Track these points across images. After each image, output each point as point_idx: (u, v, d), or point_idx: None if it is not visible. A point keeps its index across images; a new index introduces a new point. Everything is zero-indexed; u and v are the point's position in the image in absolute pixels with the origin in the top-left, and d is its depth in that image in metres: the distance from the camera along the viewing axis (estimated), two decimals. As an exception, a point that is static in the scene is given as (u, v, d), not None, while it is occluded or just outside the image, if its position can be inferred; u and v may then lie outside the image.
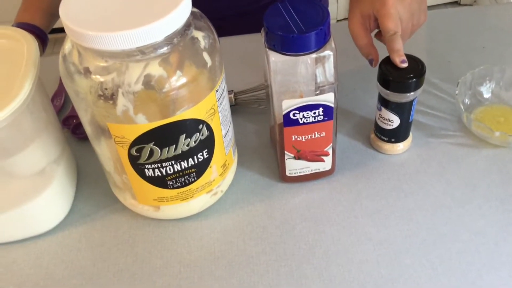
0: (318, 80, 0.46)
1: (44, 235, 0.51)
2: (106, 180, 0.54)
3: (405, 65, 0.49)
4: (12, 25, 0.72)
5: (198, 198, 0.49)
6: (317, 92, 0.46)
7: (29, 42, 0.47)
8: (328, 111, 0.47)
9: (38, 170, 0.49)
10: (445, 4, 2.15)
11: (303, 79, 0.46)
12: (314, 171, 0.52)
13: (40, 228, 0.51)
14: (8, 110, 0.40)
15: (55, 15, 0.71)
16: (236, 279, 0.46)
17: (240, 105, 0.63)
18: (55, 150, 0.50)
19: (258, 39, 0.77)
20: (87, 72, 0.39)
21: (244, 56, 0.70)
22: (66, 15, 0.39)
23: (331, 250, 0.48)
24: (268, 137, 0.60)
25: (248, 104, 0.63)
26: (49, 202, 0.50)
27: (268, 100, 0.54)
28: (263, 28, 0.46)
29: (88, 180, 0.57)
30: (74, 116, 0.63)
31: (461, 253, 0.47)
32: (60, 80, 0.70)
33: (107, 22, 0.38)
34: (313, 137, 0.49)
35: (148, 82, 0.39)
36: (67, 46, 0.42)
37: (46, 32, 0.70)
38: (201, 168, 0.47)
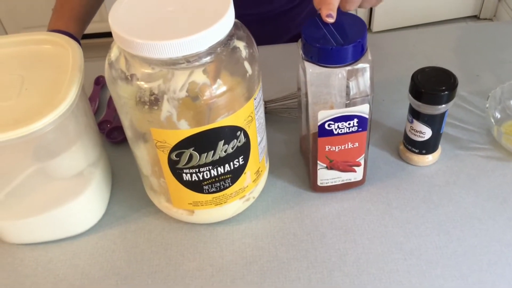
0: (352, 92, 0.47)
1: (80, 236, 0.53)
2: (139, 183, 0.56)
3: (331, 20, 0.45)
4: (48, 30, 0.75)
5: (232, 204, 0.51)
6: (347, 102, 0.47)
7: (73, 48, 0.48)
8: (362, 122, 0.48)
9: (77, 172, 0.50)
10: (464, 18, 2.16)
11: (336, 90, 0.47)
12: (345, 181, 0.53)
13: (76, 229, 0.52)
14: (57, 113, 0.42)
15: (87, 22, 0.73)
16: (268, 284, 0.47)
17: (270, 114, 0.64)
18: (94, 153, 0.51)
19: (284, 48, 0.79)
20: (133, 78, 0.41)
21: (272, 65, 0.72)
22: (116, 23, 0.40)
23: (362, 258, 0.48)
24: (297, 147, 0.61)
25: (278, 113, 0.64)
26: (87, 204, 0.51)
27: (300, 109, 0.55)
28: (300, 40, 0.47)
29: (122, 183, 0.58)
30: (108, 121, 0.65)
31: (491, 265, 0.47)
32: (94, 85, 0.71)
33: (155, 31, 0.39)
34: (346, 147, 0.49)
35: (192, 89, 0.40)
36: (113, 53, 0.43)
37: (79, 39, 0.73)
38: (236, 174, 0.48)
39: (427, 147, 0.55)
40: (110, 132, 0.63)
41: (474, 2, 2.11)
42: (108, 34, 0.44)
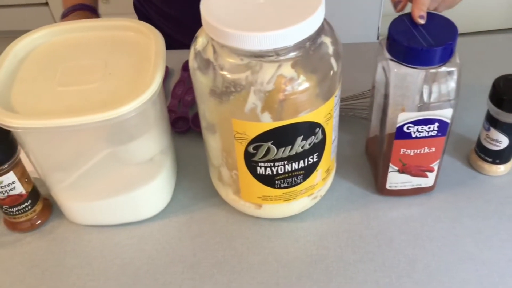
0: (434, 95, 0.46)
1: (146, 221, 0.53)
2: (203, 173, 0.56)
3: (422, 21, 0.44)
4: (67, 8, 0.77)
5: (300, 200, 0.50)
6: (419, 105, 0.46)
7: (156, 36, 0.49)
8: (443, 127, 0.47)
9: (148, 158, 0.51)
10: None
11: (413, 92, 0.46)
12: (415, 186, 0.52)
13: (143, 214, 0.53)
14: (143, 98, 0.42)
15: None
16: (335, 285, 0.47)
17: (335, 113, 0.63)
18: (165, 140, 0.52)
19: (350, 47, 0.77)
20: (221, 68, 0.41)
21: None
22: (207, 12, 0.40)
23: (431, 266, 0.47)
24: (362, 148, 0.60)
25: (342, 112, 0.64)
26: (156, 190, 0.52)
27: (370, 109, 0.54)
28: (382, 38, 0.47)
29: (186, 173, 0.58)
30: (172, 110, 0.66)
31: None
32: (159, 74, 0.72)
33: (246, 22, 0.39)
34: (422, 151, 0.48)
35: (279, 83, 0.40)
36: (200, 42, 0.43)
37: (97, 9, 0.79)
38: (309, 171, 0.48)
39: (501, 156, 0.54)
40: (175, 122, 0.64)
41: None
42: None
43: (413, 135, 0.47)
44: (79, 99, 0.44)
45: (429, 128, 0.46)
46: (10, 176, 0.48)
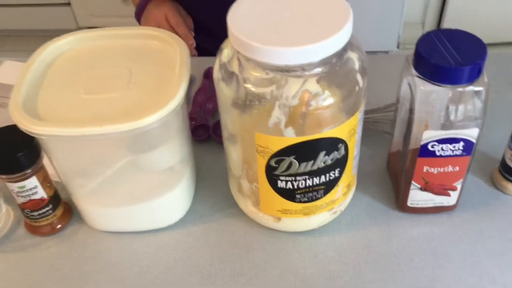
0: (459, 114, 0.45)
1: (164, 230, 0.53)
2: (222, 183, 0.56)
3: None
4: (139, 2, 0.78)
5: (319, 215, 0.50)
6: (444, 123, 0.46)
7: (180, 46, 0.49)
8: (468, 146, 0.46)
9: (168, 167, 0.51)
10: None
11: (438, 110, 0.45)
12: (437, 205, 0.51)
13: (162, 223, 0.53)
14: (167, 109, 0.42)
15: None
16: (353, 302, 0.46)
17: (356, 126, 0.63)
18: (186, 150, 0.52)
19: (375, 58, 0.76)
20: (246, 81, 0.41)
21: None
22: (234, 25, 0.40)
23: (453, 287, 0.47)
24: (383, 162, 0.59)
25: (365, 126, 0.63)
26: (175, 199, 0.52)
27: (393, 124, 0.54)
28: (409, 55, 0.46)
29: (205, 182, 0.58)
30: (193, 117, 0.66)
31: None
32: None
33: (274, 36, 0.39)
34: (445, 170, 0.48)
35: (304, 98, 0.40)
36: (226, 54, 0.43)
37: None
38: (330, 186, 0.47)
39: (527, 177, 0.53)
40: (195, 130, 0.64)
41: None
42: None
43: (437, 154, 0.46)
44: (103, 108, 0.44)
45: (454, 147, 0.46)
46: (33, 181, 0.48)
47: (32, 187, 0.49)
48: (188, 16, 0.83)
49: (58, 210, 0.53)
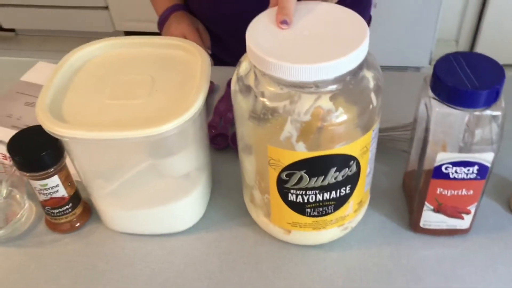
0: (476, 138, 0.45)
1: (177, 234, 0.55)
2: (236, 192, 0.57)
3: (285, 27, 0.42)
4: (162, 13, 0.80)
5: (329, 230, 0.50)
6: (461, 146, 0.45)
7: (203, 56, 0.50)
8: (483, 170, 0.45)
9: (185, 173, 0.52)
10: None
11: (455, 132, 0.45)
12: (449, 227, 0.51)
13: (175, 227, 0.54)
14: (183, 118, 0.44)
15: None
16: (357, 319, 0.46)
17: (374, 143, 0.63)
18: (202, 157, 0.53)
19: (401, 75, 0.76)
20: (261, 95, 0.42)
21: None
22: (252, 40, 0.41)
23: (460, 311, 0.46)
24: (399, 180, 0.59)
25: (383, 143, 0.63)
26: (190, 205, 0.53)
27: (411, 143, 0.53)
28: (427, 76, 0.46)
29: (220, 189, 0.59)
30: (213, 126, 0.67)
31: None
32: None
33: (289, 52, 0.40)
34: (459, 193, 0.47)
35: (316, 114, 0.41)
36: (244, 67, 0.44)
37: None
38: (340, 202, 0.48)
39: (545, 205, 0.52)
40: (214, 138, 0.65)
41: None
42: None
43: (451, 176, 0.46)
44: (125, 113, 0.46)
45: (468, 170, 0.45)
46: (55, 180, 0.50)
47: (54, 185, 0.51)
48: (206, 32, 0.85)
49: (77, 209, 0.55)
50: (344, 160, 0.44)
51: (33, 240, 0.55)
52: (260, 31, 0.42)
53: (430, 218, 0.50)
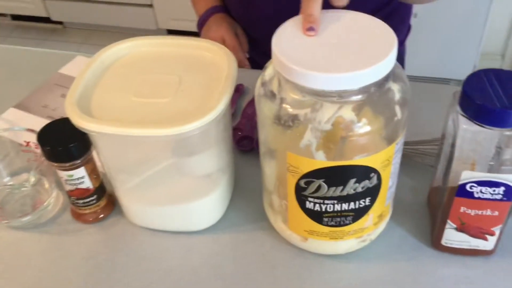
0: (505, 157, 0.43)
1: (195, 233, 0.55)
2: (257, 196, 0.57)
3: (312, 33, 0.41)
4: (202, 15, 0.81)
5: (347, 241, 0.50)
6: (491, 164, 0.44)
7: (230, 59, 0.51)
8: (509, 192, 0.44)
9: (206, 174, 0.53)
10: None
11: (484, 151, 0.44)
12: (472, 247, 0.49)
13: (194, 226, 0.55)
14: (206, 119, 0.44)
15: None
16: (368, 334, 0.45)
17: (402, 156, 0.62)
18: (224, 159, 0.54)
19: (432, 87, 0.74)
20: (283, 102, 0.42)
21: (415, 103, 0.69)
22: (277, 46, 0.42)
23: (476, 336, 0.45)
24: (424, 196, 0.58)
25: (411, 156, 0.62)
26: (209, 205, 0.54)
27: (438, 158, 0.52)
28: (456, 92, 0.45)
29: (242, 192, 0.60)
30: (240, 129, 0.67)
31: None
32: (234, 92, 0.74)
33: (314, 61, 0.40)
34: (484, 213, 0.46)
35: (337, 124, 0.40)
36: (268, 73, 0.44)
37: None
38: (359, 214, 0.47)
39: None
40: (240, 140, 0.65)
41: None
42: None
43: (476, 195, 0.45)
44: (150, 111, 0.47)
45: (494, 191, 0.44)
46: (81, 171, 0.52)
47: (79, 176, 0.52)
48: (244, 36, 0.85)
49: (102, 201, 0.56)
50: (364, 172, 0.43)
51: (58, 228, 0.57)
52: (286, 37, 0.42)
53: (452, 236, 0.49)
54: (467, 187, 0.44)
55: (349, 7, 0.45)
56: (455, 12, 1.63)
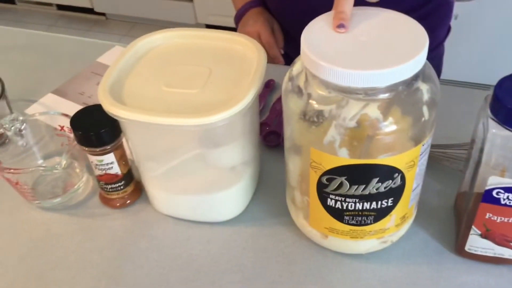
0: (536, 164, 0.42)
1: (218, 224, 0.56)
2: (281, 191, 0.57)
3: (342, 30, 0.41)
4: (239, 9, 0.81)
5: (367, 241, 0.49)
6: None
7: (260, 54, 0.51)
8: (538, 200, 0.42)
9: (230, 166, 0.53)
10: None
11: (514, 156, 0.43)
12: (497, 255, 0.48)
13: (217, 217, 0.56)
14: (231, 112, 0.45)
15: None
16: (384, 336, 0.45)
17: (429, 159, 0.61)
18: (249, 152, 0.54)
19: (464, 92, 0.73)
20: (309, 97, 0.42)
21: (446, 105, 0.67)
22: (306, 41, 0.42)
23: None
24: (451, 201, 0.56)
25: (439, 160, 0.61)
26: (232, 197, 0.54)
27: (467, 163, 0.51)
28: (488, 95, 0.44)
29: (265, 187, 0.60)
30: (267, 123, 0.68)
31: None
32: (264, 87, 0.75)
33: (341, 57, 0.40)
34: (510, 221, 0.45)
35: (362, 121, 0.40)
36: (296, 68, 0.45)
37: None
38: (381, 214, 0.47)
39: None
40: (267, 135, 0.66)
41: None
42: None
43: (502, 202, 0.44)
44: (178, 101, 0.48)
45: (522, 198, 0.43)
46: (110, 157, 0.54)
47: (109, 162, 0.54)
48: (280, 31, 0.85)
49: (129, 187, 0.58)
50: (388, 172, 0.43)
51: (86, 211, 0.58)
52: (316, 33, 0.42)
53: (476, 243, 0.48)
54: (494, 193, 0.43)
55: (384, 5, 0.45)
56: (497, 15, 1.58)
